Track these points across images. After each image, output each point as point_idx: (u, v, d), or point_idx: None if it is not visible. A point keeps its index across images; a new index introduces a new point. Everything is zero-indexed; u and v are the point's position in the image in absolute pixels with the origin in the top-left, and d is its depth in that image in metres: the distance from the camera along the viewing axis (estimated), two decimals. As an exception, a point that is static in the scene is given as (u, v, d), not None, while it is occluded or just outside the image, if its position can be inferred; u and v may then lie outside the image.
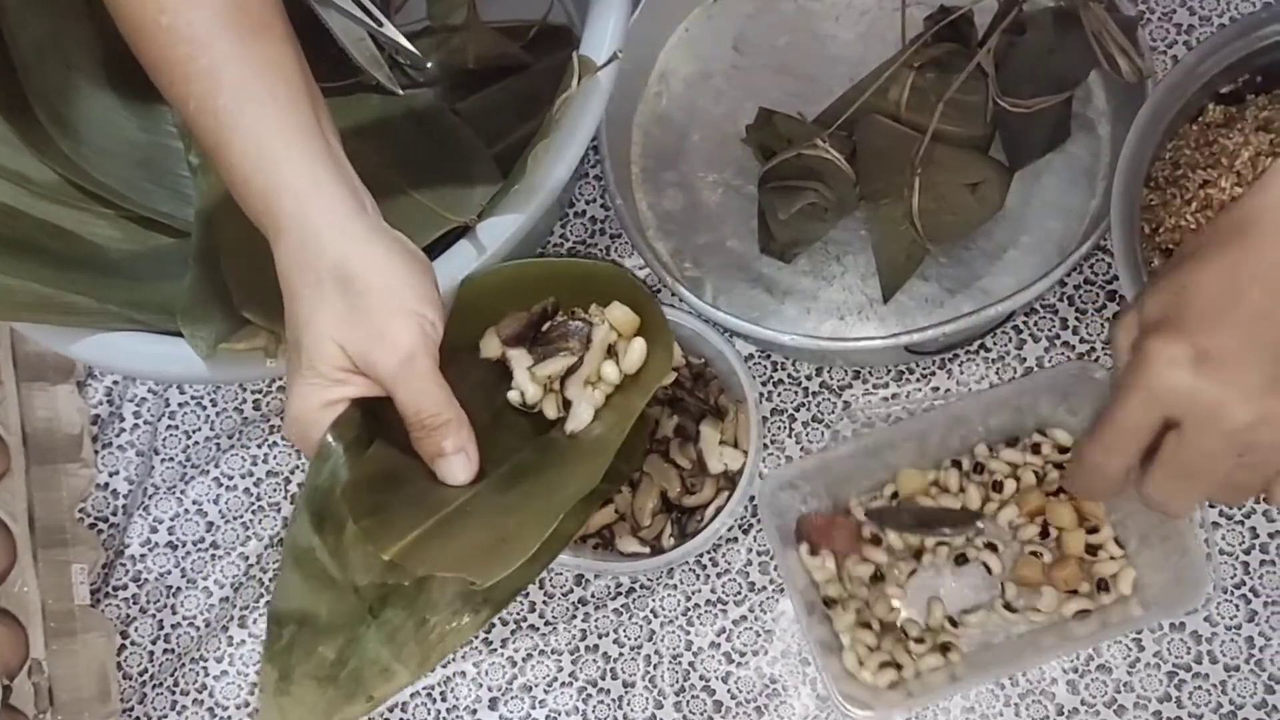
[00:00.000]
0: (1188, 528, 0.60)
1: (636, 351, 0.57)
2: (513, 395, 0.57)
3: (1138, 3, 0.73)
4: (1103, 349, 0.69)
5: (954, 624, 0.65)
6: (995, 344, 0.70)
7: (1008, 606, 0.65)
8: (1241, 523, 0.65)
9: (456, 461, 0.52)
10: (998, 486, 0.66)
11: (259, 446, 0.76)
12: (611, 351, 0.57)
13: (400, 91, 0.73)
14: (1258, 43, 0.64)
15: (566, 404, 0.57)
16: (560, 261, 0.66)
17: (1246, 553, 0.64)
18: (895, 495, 0.68)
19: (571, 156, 0.61)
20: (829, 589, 0.66)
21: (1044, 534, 0.65)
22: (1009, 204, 0.71)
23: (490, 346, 0.58)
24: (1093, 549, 0.64)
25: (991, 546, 0.65)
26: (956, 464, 0.68)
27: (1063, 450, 0.67)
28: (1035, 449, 0.67)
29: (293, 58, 0.52)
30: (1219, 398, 0.44)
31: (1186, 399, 0.45)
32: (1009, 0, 0.70)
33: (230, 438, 0.77)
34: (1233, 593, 0.64)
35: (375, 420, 0.52)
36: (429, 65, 0.78)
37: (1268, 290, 0.44)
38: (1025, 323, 0.70)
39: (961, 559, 0.66)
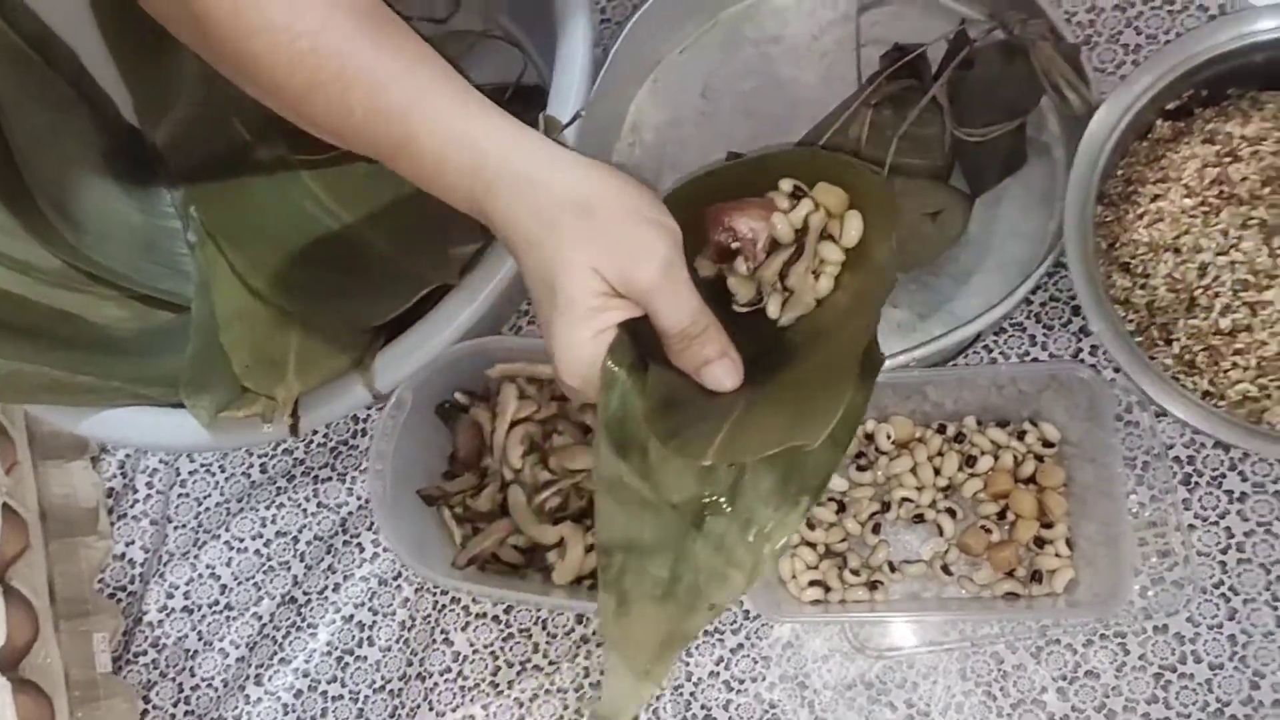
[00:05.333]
0: (1126, 541, 0.62)
1: (853, 226, 0.55)
2: (740, 299, 0.56)
3: (1085, 25, 0.76)
4: (1071, 359, 0.71)
5: (892, 569, 0.69)
6: (967, 362, 0.72)
7: (945, 569, 0.68)
8: (1217, 523, 0.67)
9: (722, 366, 0.52)
10: (971, 461, 0.69)
11: (267, 508, 0.79)
12: (826, 234, 0.56)
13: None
14: (1199, 58, 0.67)
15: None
16: (750, 160, 0.64)
17: (1224, 552, 0.66)
18: (870, 435, 0.71)
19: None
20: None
21: (1001, 515, 0.68)
22: (973, 229, 0.73)
23: (704, 266, 0.57)
24: (1041, 542, 0.67)
25: (951, 512, 0.69)
26: (941, 429, 0.70)
27: (1046, 444, 0.69)
28: (1021, 435, 0.70)
29: (418, 38, 0.53)
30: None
31: None
32: (960, 37, 0.73)
33: (239, 501, 0.80)
34: (1212, 592, 0.66)
35: (641, 346, 0.52)
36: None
37: None
38: (995, 342, 0.72)
39: (919, 518, 0.69)
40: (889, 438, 0.70)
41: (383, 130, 0.51)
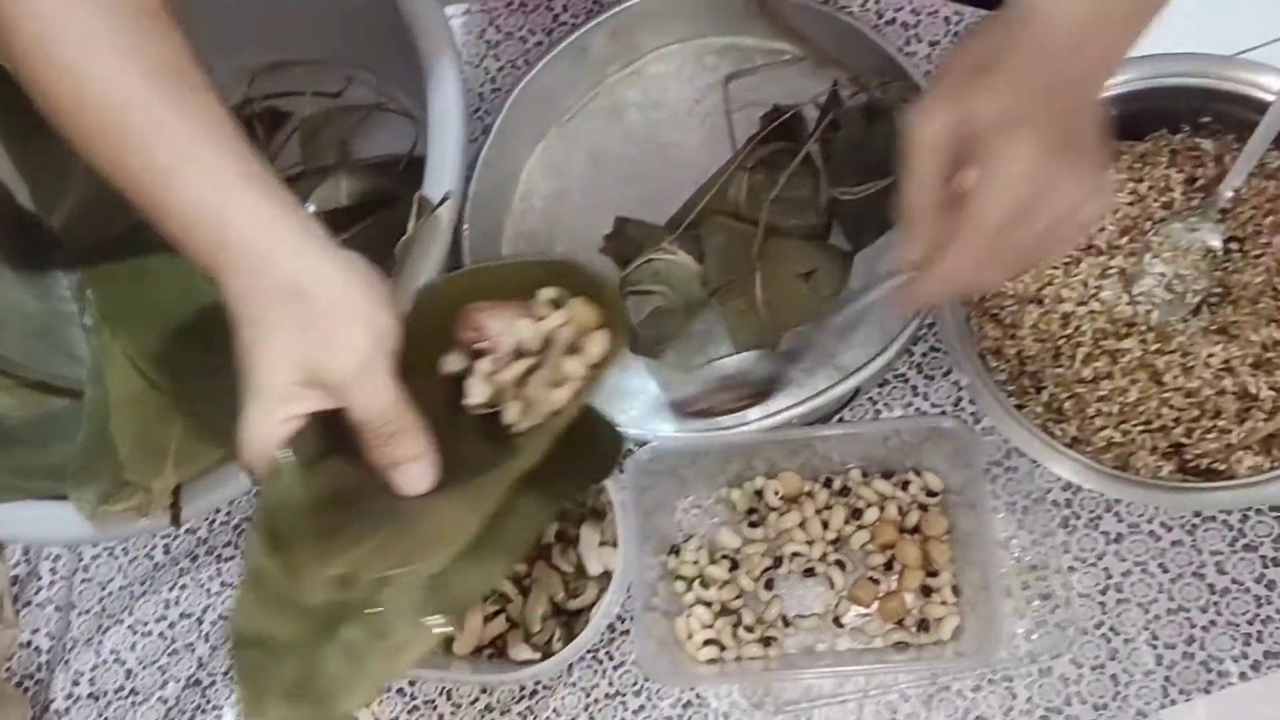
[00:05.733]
0: (997, 588, 0.64)
1: (599, 345, 0.54)
2: (470, 400, 0.54)
3: (954, 84, 0.78)
4: (952, 409, 0.73)
5: (786, 623, 0.70)
6: (853, 416, 0.74)
7: (837, 621, 0.70)
8: (1095, 564, 0.68)
9: (414, 470, 0.51)
10: (858, 513, 0.70)
11: (170, 590, 0.79)
12: (574, 348, 0.54)
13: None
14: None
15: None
16: (514, 264, 0.64)
17: (1103, 593, 0.68)
18: (759, 492, 0.72)
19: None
20: (683, 568, 0.71)
21: (888, 566, 0.70)
22: (855, 285, 0.75)
23: (451, 361, 0.55)
24: (928, 591, 0.68)
25: (840, 564, 0.70)
26: (828, 482, 0.72)
27: (930, 493, 0.71)
28: (905, 486, 0.71)
29: (218, 103, 0.52)
30: (1005, 132, 0.47)
31: (976, 123, 0.47)
32: (831, 98, 0.75)
33: (143, 584, 0.80)
34: (1094, 633, 0.67)
35: (334, 437, 0.51)
36: (308, 207, 0.82)
37: (1066, 54, 0.47)
38: (879, 393, 0.74)
39: (811, 572, 0.71)
40: (777, 493, 0.71)
41: (144, 188, 0.51)
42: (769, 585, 0.71)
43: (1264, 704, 0.65)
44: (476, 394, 0.53)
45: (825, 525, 0.71)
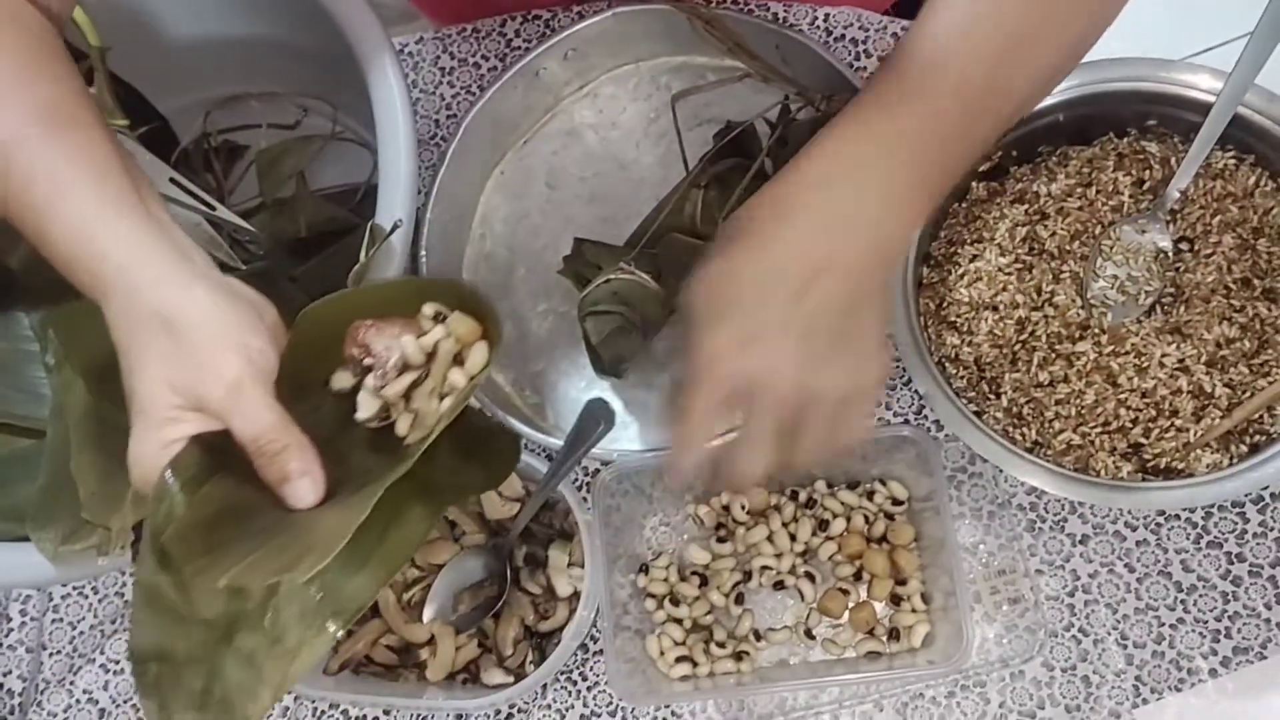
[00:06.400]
0: (965, 594, 0.64)
1: (479, 356, 0.56)
2: (359, 415, 0.56)
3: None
4: (914, 417, 0.73)
5: (758, 637, 0.70)
6: (818, 429, 0.74)
7: (808, 633, 0.70)
8: (1062, 567, 0.68)
9: (302, 485, 0.52)
10: (825, 524, 0.71)
11: (140, 628, 0.78)
12: (458, 359, 0.57)
13: (243, 266, 0.77)
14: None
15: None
16: (395, 283, 0.66)
17: (1070, 595, 0.68)
18: (727, 507, 0.73)
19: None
20: (653, 586, 0.71)
21: (857, 576, 0.70)
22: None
23: (340, 378, 0.57)
24: (897, 599, 0.69)
25: (810, 576, 0.70)
26: (794, 495, 0.72)
27: (896, 502, 0.71)
28: (870, 495, 0.71)
29: (103, 141, 0.54)
30: (767, 369, 0.51)
31: (742, 377, 0.51)
32: (782, 112, 0.76)
33: (114, 622, 0.79)
34: (1064, 635, 0.67)
35: (223, 456, 0.53)
36: (265, 238, 0.82)
37: (799, 272, 0.51)
38: (843, 405, 0.74)
39: (780, 585, 0.70)
40: (744, 508, 0.71)
41: (32, 220, 0.52)
42: (739, 600, 0.71)
43: (1234, 700, 0.66)
44: (365, 409, 0.55)
45: (793, 538, 0.71)
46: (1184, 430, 0.63)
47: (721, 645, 0.69)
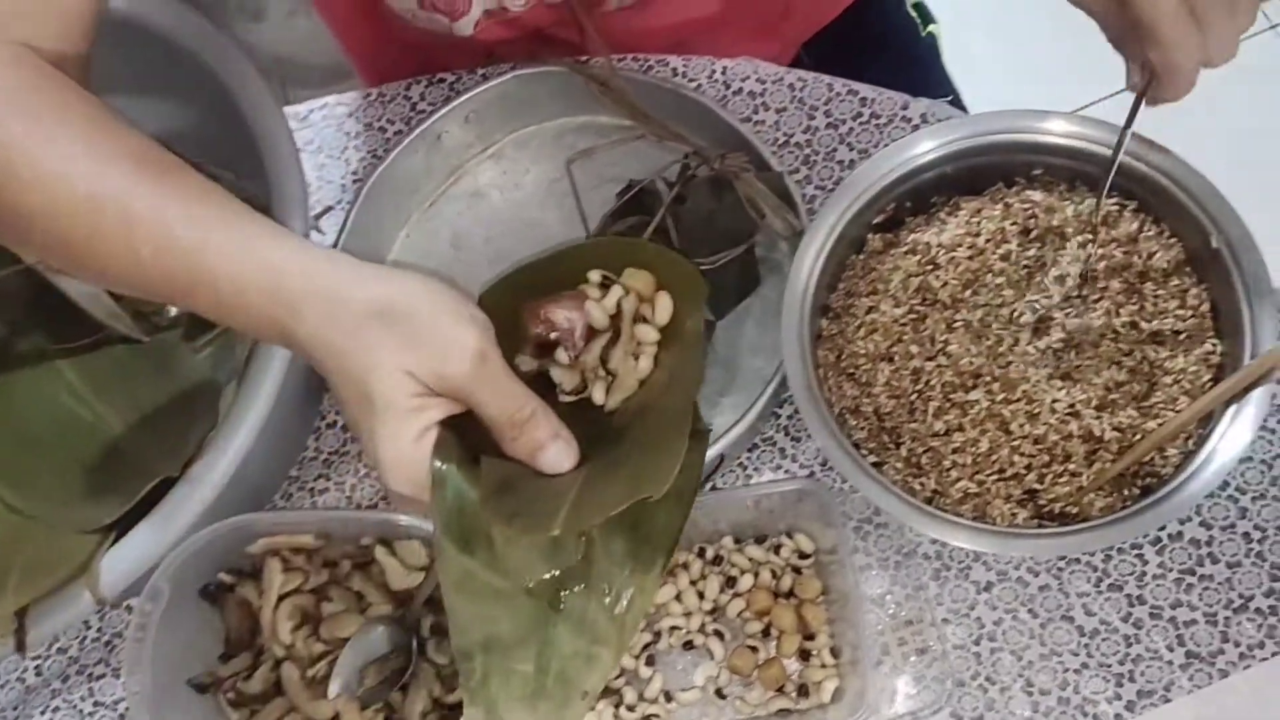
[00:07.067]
0: (873, 646, 0.65)
1: (663, 305, 0.58)
2: (565, 387, 0.57)
3: (803, 145, 0.80)
4: (820, 469, 0.73)
5: (669, 699, 0.69)
6: (724, 483, 0.74)
7: (719, 693, 0.69)
8: (968, 615, 0.68)
9: (556, 448, 0.52)
10: (732, 581, 0.70)
11: (43, 714, 0.76)
12: (640, 316, 0.58)
13: (145, 339, 0.76)
14: (897, 172, 0.70)
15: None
16: (553, 256, 0.66)
17: (976, 643, 0.68)
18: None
19: (267, 393, 0.64)
20: None
21: (766, 632, 0.69)
22: (720, 352, 0.76)
23: (524, 361, 0.58)
24: (806, 654, 0.68)
25: (719, 634, 0.70)
26: (701, 552, 0.71)
27: (803, 556, 0.71)
28: (777, 549, 0.71)
29: (201, 177, 0.54)
30: None
31: None
32: (682, 170, 0.76)
33: (15, 709, 0.77)
34: (971, 684, 0.67)
35: (465, 440, 0.52)
36: (170, 309, 0.81)
37: None
38: (749, 458, 0.74)
39: (690, 645, 0.70)
40: (651, 567, 0.71)
41: (176, 268, 0.51)
42: (649, 661, 0.70)
43: (1143, 742, 0.66)
44: (567, 381, 0.57)
45: (701, 596, 0.70)
46: (1077, 475, 0.64)
47: (632, 709, 0.68)
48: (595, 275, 0.59)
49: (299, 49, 1.51)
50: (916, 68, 1.01)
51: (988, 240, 0.69)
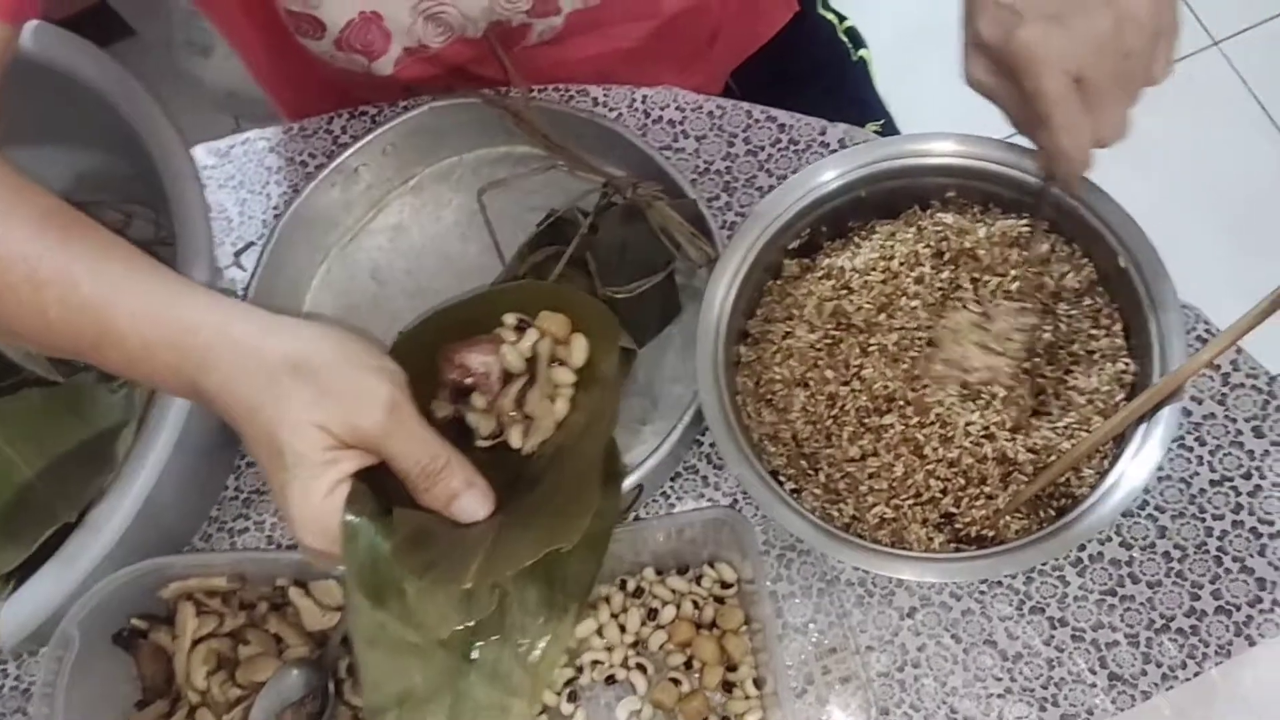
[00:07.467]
0: (795, 676, 0.64)
1: (579, 347, 0.58)
2: (481, 432, 0.57)
3: (723, 172, 0.80)
4: (743, 498, 0.72)
5: None
6: (647, 513, 0.73)
7: None
8: (891, 641, 0.68)
9: (470, 497, 0.52)
10: (654, 613, 0.69)
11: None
12: (555, 359, 0.58)
13: (61, 380, 0.75)
14: (810, 196, 0.70)
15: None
16: (470, 300, 0.66)
17: (900, 670, 0.67)
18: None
19: (166, 437, 0.63)
20: None
21: (689, 664, 0.68)
22: (641, 380, 0.75)
23: (440, 406, 0.58)
24: (729, 686, 0.67)
25: (642, 668, 0.69)
26: (623, 584, 0.71)
27: (725, 585, 0.70)
28: (699, 580, 0.70)
29: (111, 234, 0.54)
30: (1085, 33, 0.53)
31: (1069, 50, 0.53)
32: (599, 199, 0.76)
33: (-73, 764, 0.75)
34: (895, 712, 0.66)
35: (380, 491, 0.52)
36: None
37: None
38: (672, 487, 0.74)
39: (612, 679, 0.69)
40: (572, 603, 0.70)
41: (84, 326, 0.51)
42: (572, 698, 0.69)
43: (1070, 766, 0.65)
44: (483, 426, 0.57)
45: (623, 629, 0.69)
46: (993, 498, 0.63)
47: (555, 746, 0.67)
48: (510, 319, 0.59)
49: (247, 83, 1.51)
50: (847, 93, 1.01)
51: (901, 263, 0.69)
